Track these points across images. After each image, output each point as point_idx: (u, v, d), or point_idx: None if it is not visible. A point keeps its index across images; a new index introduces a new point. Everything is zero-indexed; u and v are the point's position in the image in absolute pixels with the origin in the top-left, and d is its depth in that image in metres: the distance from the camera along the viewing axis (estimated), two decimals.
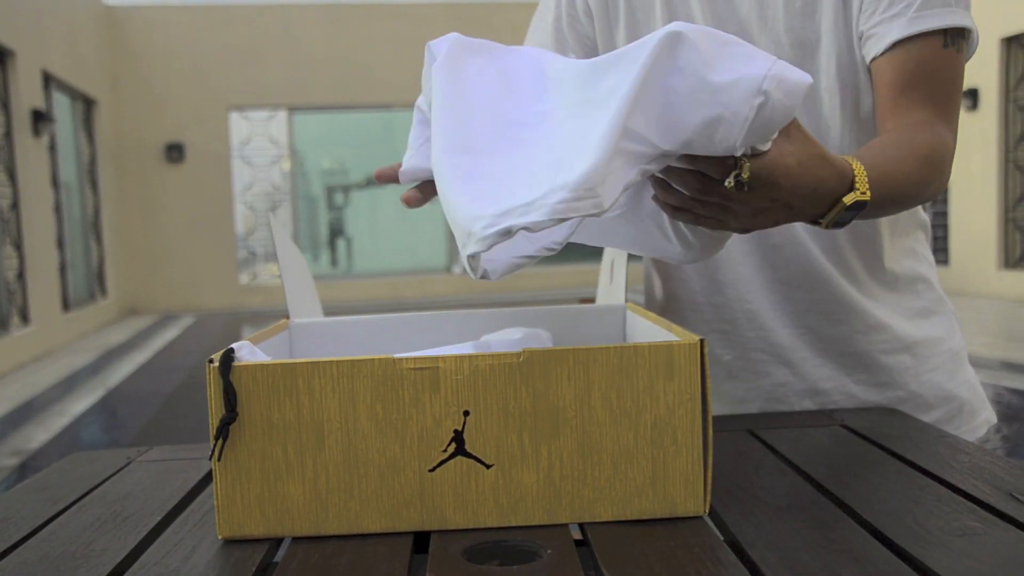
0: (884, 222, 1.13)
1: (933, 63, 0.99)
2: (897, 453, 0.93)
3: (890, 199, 0.90)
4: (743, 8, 1.08)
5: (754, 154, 0.75)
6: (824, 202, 0.82)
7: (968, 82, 10.49)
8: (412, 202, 0.90)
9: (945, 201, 11.17)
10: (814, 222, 0.86)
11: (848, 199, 0.83)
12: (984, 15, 9.97)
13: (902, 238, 1.16)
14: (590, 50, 1.22)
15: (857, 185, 0.83)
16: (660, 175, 0.80)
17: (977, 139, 10.48)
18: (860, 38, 1.04)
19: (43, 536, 0.79)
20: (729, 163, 0.74)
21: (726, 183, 0.75)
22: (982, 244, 10.49)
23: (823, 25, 1.05)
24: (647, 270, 1.30)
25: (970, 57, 1.03)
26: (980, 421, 1.18)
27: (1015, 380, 5.76)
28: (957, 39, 1.00)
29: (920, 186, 0.95)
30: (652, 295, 1.30)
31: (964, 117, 10.63)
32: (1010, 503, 0.76)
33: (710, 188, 0.77)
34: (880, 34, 1.01)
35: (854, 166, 0.84)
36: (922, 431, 1.01)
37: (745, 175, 0.74)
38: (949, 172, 1.00)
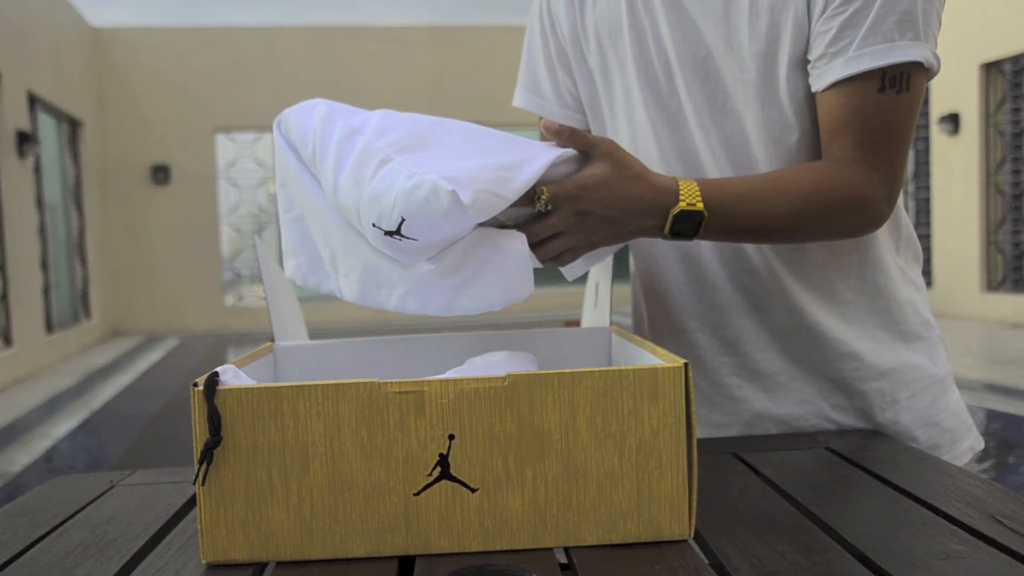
0: (867, 242, 1.13)
1: (865, 108, 1.00)
2: (881, 476, 0.93)
3: (745, 225, 1.00)
4: (709, 34, 1.08)
5: (552, 181, 0.91)
6: (651, 213, 0.95)
7: (949, 107, 10.60)
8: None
9: (928, 224, 11.26)
10: (657, 235, 0.97)
11: (675, 209, 0.95)
12: (964, 41, 10.09)
13: (886, 258, 1.14)
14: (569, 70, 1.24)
15: (682, 197, 0.95)
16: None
17: (958, 163, 10.58)
18: (808, 66, 1.04)
19: (24, 562, 0.78)
20: (530, 195, 0.89)
21: (535, 207, 0.90)
22: (964, 267, 10.57)
23: (784, 50, 1.04)
24: (634, 293, 1.30)
25: (933, 76, 1.03)
26: (963, 449, 1.16)
27: (997, 402, 5.79)
28: (899, 78, 0.99)
29: (791, 220, 1.00)
30: (640, 318, 1.30)
31: (945, 141, 10.73)
32: (993, 526, 0.77)
33: (531, 225, 0.92)
34: (820, 72, 1.02)
35: (681, 184, 0.95)
36: (906, 454, 1.02)
37: (545, 197, 0.89)
38: (860, 212, 1.02)
